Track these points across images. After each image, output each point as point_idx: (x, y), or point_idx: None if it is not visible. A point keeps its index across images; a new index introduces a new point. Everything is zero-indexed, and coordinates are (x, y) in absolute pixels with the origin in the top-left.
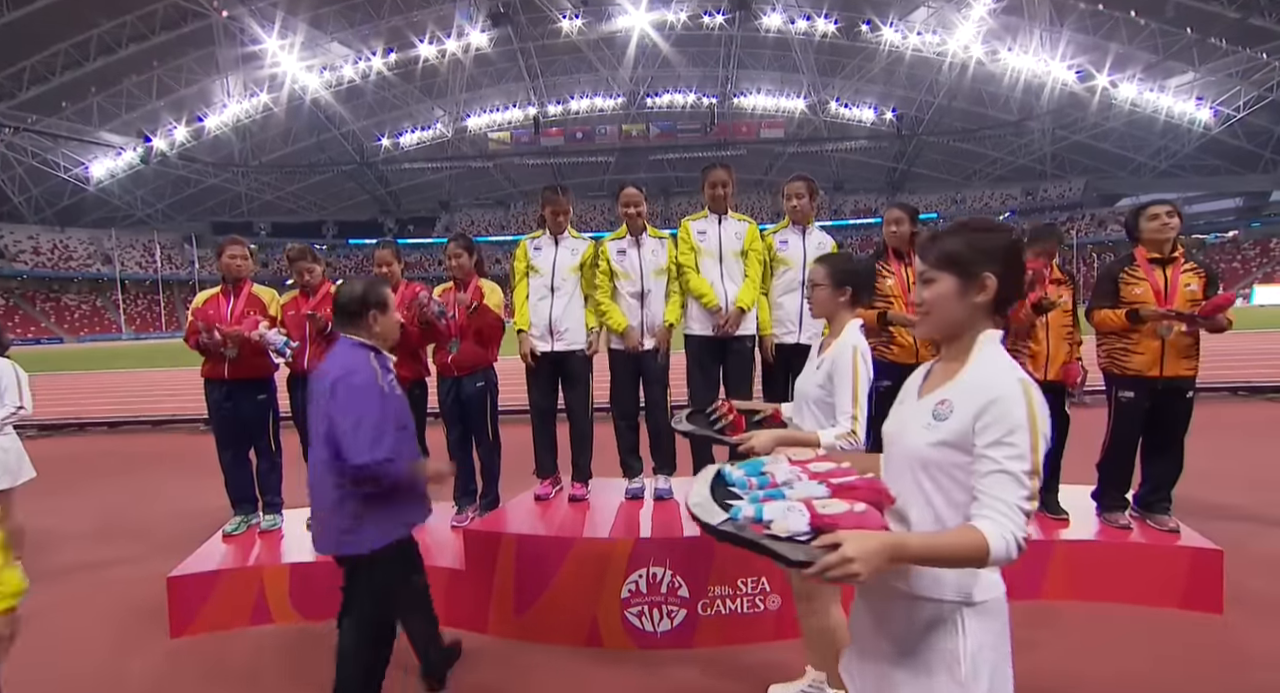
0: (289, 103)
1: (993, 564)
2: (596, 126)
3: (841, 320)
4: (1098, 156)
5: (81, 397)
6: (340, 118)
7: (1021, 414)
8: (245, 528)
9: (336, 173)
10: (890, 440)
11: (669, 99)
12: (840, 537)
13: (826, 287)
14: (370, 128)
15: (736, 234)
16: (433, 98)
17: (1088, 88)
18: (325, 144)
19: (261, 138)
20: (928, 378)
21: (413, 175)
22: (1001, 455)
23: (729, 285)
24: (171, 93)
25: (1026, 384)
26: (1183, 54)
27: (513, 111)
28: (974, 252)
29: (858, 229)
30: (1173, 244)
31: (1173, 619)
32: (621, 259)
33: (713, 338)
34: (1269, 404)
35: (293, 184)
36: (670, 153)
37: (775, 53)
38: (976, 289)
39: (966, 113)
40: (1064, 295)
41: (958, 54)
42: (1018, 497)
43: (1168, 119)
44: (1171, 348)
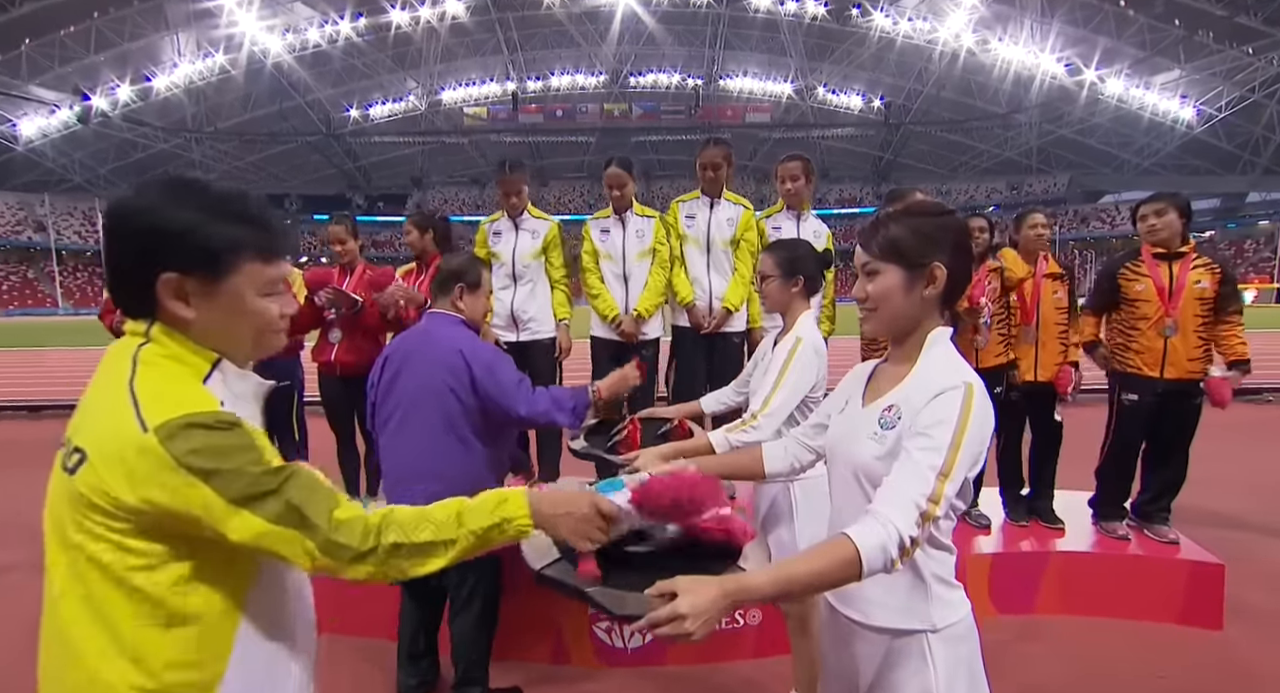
0: (248, 66)
1: (869, 575)
2: (577, 105)
3: (795, 313)
4: (1083, 152)
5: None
6: (305, 85)
7: (953, 410)
8: None
9: (300, 144)
10: (834, 450)
11: (653, 79)
12: (677, 585)
13: (776, 278)
14: (338, 97)
15: (729, 220)
16: (405, 68)
17: (1076, 82)
18: (288, 113)
19: (217, 102)
20: (872, 380)
21: (383, 149)
22: (914, 445)
23: (715, 279)
24: (113, 47)
25: (972, 386)
26: (1170, 50)
27: (490, 86)
28: (920, 239)
29: (842, 219)
30: (1183, 238)
31: (1171, 636)
32: (604, 239)
33: (701, 333)
34: (1255, 407)
35: (252, 154)
36: (653, 135)
37: (763, 34)
38: (925, 281)
39: (955, 103)
40: (1059, 291)
41: (948, 42)
42: (914, 492)
43: (1152, 116)
44: (1176, 348)
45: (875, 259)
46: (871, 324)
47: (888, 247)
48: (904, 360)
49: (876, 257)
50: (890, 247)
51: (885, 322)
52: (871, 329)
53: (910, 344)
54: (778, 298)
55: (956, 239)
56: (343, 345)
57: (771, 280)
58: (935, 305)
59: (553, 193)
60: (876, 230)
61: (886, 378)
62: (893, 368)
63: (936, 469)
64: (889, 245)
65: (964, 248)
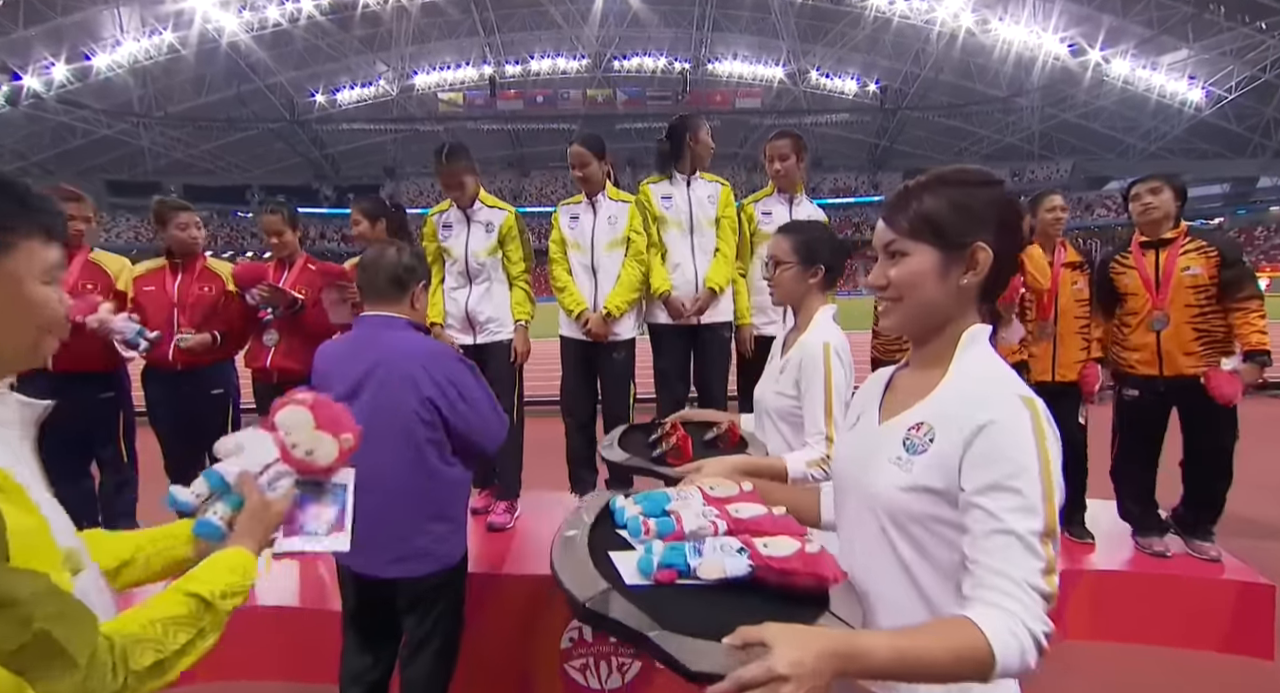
0: (200, 45)
1: (1002, 675)
2: (559, 90)
3: (811, 308)
4: (1086, 137)
5: None
6: (264, 67)
7: (1027, 447)
8: None
9: (262, 131)
10: (843, 476)
11: (638, 62)
12: (768, 633)
13: (792, 265)
14: (301, 81)
15: (710, 197)
16: (374, 50)
17: (1080, 63)
18: (247, 97)
19: (166, 84)
20: (891, 390)
21: (352, 137)
22: (1001, 507)
23: (701, 261)
24: (45, 21)
25: (1035, 403)
26: (1178, 28)
27: (466, 70)
28: (961, 214)
29: (837, 209)
30: (1175, 221)
31: (1215, 665)
32: (573, 226)
33: (682, 325)
34: (1271, 401)
35: (209, 141)
36: (639, 122)
37: (754, 15)
38: (964, 265)
39: (954, 87)
40: (1078, 281)
41: (947, 22)
42: (1029, 570)
43: (1159, 98)
44: (1169, 342)
45: (902, 237)
46: (894, 317)
47: (919, 222)
48: (932, 365)
49: (904, 234)
50: (922, 222)
51: (911, 315)
52: (893, 324)
53: (940, 344)
54: (791, 289)
55: (1004, 215)
56: (280, 349)
57: (786, 268)
58: (973, 296)
59: (534, 183)
60: (905, 201)
61: (910, 387)
62: (917, 374)
63: (1041, 534)
64: (921, 220)
65: (1013, 226)
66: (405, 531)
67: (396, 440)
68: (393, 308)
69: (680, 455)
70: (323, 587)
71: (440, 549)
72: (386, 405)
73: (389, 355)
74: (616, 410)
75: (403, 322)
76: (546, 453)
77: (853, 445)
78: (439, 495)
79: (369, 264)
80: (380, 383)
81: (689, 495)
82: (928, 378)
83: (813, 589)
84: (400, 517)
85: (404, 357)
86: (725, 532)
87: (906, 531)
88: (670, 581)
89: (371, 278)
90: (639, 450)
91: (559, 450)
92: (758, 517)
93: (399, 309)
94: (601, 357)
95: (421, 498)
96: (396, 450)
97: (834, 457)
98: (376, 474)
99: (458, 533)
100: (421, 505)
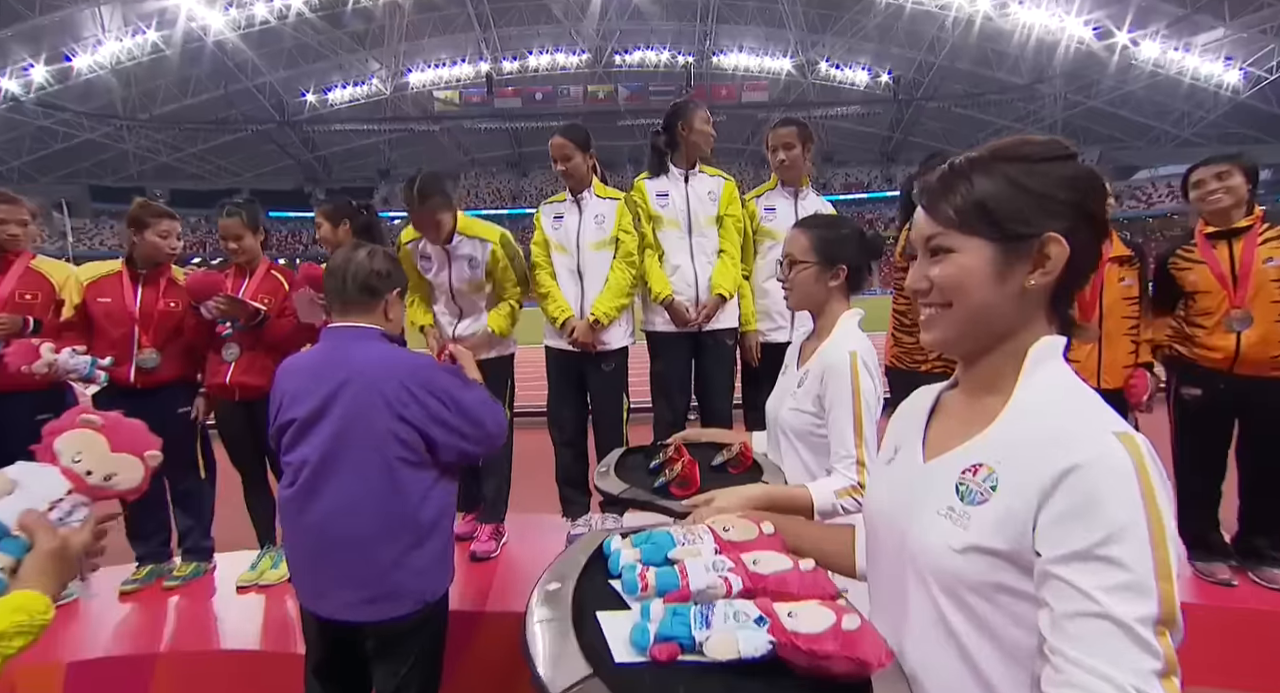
0: (185, 44)
1: None
2: (558, 87)
3: (832, 313)
4: (1114, 125)
5: None
6: (253, 67)
7: (1131, 501)
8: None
9: (251, 133)
10: (878, 525)
11: (640, 57)
12: None
13: (810, 264)
14: (291, 81)
15: (710, 193)
16: (366, 48)
17: (1106, 47)
18: (235, 97)
19: (151, 86)
20: (937, 418)
21: (345, 138)
22: (1095, 584)
23: (701, 265)
24: (22, 20)
25: (1132, 441)
26: (1213, 6)
27: (462, 67)
28: (1024, 197)
29: (848, 205)
30: (1249, 207)
31: None
32: (557, 226)
33: (681, 333)
34: None
35: (196, 144)
36: (641, 118)
37: (760, 5)
38: (1029, 263)
39: (971, 75)
40: (1127, 277)
41: (963, 7)
42: (1139, 672)
43: (1193, 82)
44: (1255, 345)
45: (949, 229)
46: (939, 329)
47: (971, 209)
48: (989, 388)
49: (951, 225)
50: (975, 209)
51: (962, 325)
52: (938, 337)
53: (999, 361)
54: (809, 292)
55: (1082, 196)
56: (241, 364)
57: (804, 268)
58: (1043, 301)
59: (533, 184)
60: (951, 184)
61: (961, 415)
62: (970, 400)
63: (1151, 620)
64: (973, 207)
65: (1093, 211)
66: (380, 567)
67: (369, 465)
68: (363, 318)
69: (687, 485)
70: (287, 628)
71: (418, 585)
72: (358, 427)
73: (360, 371)
74: (608, 427)
75: (375, 332)
76: (536, 468)
77: (890, 487)
78: (419, 523)
79: (335, 269)
80: (350, 402)
81: (698, 538)
82: (984, 405)
83: (851, 676)
84: (374, 552)
85: (377, 372)
86: (741, 592)
87: (962, 601)
88: (671, 658)
89: (339, 285)
90: (638, 478)
91: (549, 463)
92: (782, 573)
93: (370, 319)
94: (590, 369)
95: (399, 528)
96: (370, 477)
97: (867, 498)
98: (348, 505)
99: (440, 564)
100: (399, 536)
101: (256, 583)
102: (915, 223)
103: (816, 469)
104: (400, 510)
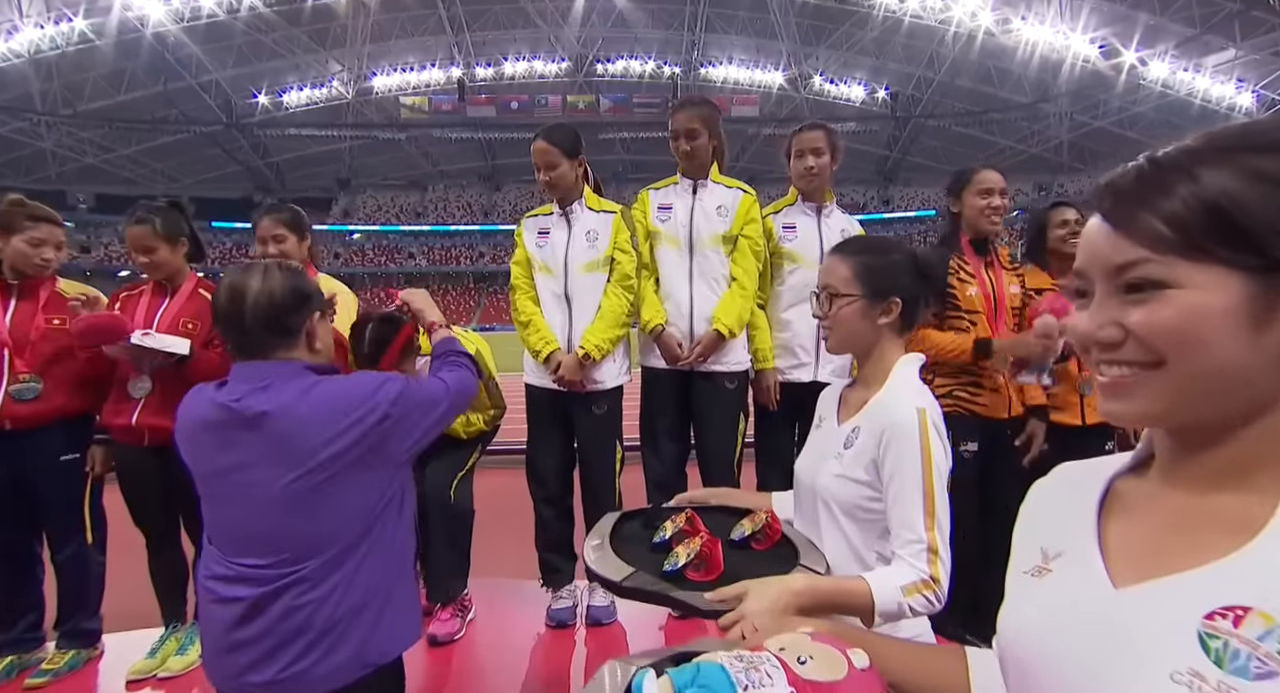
0: (120, 36)
1: None
2: (536, 96)
3: (885, 358)
4: (1121, 146)
5: None
6: (198, 63)
7: None
8: None
9: (194, 135)
10: (1041, 682)
11: (623, 66)
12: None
13: (855, 298)
14: (242, 80)
15: (720, 209)
16: (327, 48)
17: (1113, 65)
18: (176, 96)
19: (76, 79)
20: (1114, 513)
21: (301, 144)
22: None
23: (700, 292)
24: None
25: None
26: (1223, 26)
27: (432, 72)
28: (1266, 205)
29: None
30: None
31: None
32: (542, 244)
33: (672, 370)
34: None
35: (129, 145)
36: (624, 131)
37: (751, 14)
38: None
39: (972, 93)
40: None
41: (964, 22)
42: None
43: (1204, 103)
44: None
45: (1164, 252)
46: (1143, 399)
47: (1205, 220)
48: (1230, 483)
49: (1167, 246)
50: (1211, 220)
51: (1189, 395)
52: (1141, 409)
53: (1255, 445)
54: (854, 331)
55: None
56: (153, 402)
57: (847, 303)
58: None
59: (507, 198)
60: (1163, 185)
61: (1171, 518)
62: (1190, 497)
63: None
64: (1209, 217)
65: None
66: (344, 626)
67: (288, 534)
68: (280, 357)
69: (707, 569)
70: None
71: (380, 640)
72: (266, 492)
73: (279, 410)
74: (598, 480)
75: (298, 366)
76: (514, 514)
77: (1052, 618)
78: (363, 579)
79: (225, 313)
80: (271, 446)
81: (765, 676)
82: (1221, 508)
83: None
84: (312, 616)
85: (303, 410)
86: None
87: None
88: None
89: (236, 331)
90: (639, 554)
91: (527, 510)
92: None
93: (289, 356)
94: (578, 411)
95: (332, 599)
96: (302, 522)
97: (1008, 627)
98: (273, 567)
99: (401, 617)
100: (332, 610)
101: (154, 675)
102: (1088, 242)
103: (865, 551)
104: (341, 561)
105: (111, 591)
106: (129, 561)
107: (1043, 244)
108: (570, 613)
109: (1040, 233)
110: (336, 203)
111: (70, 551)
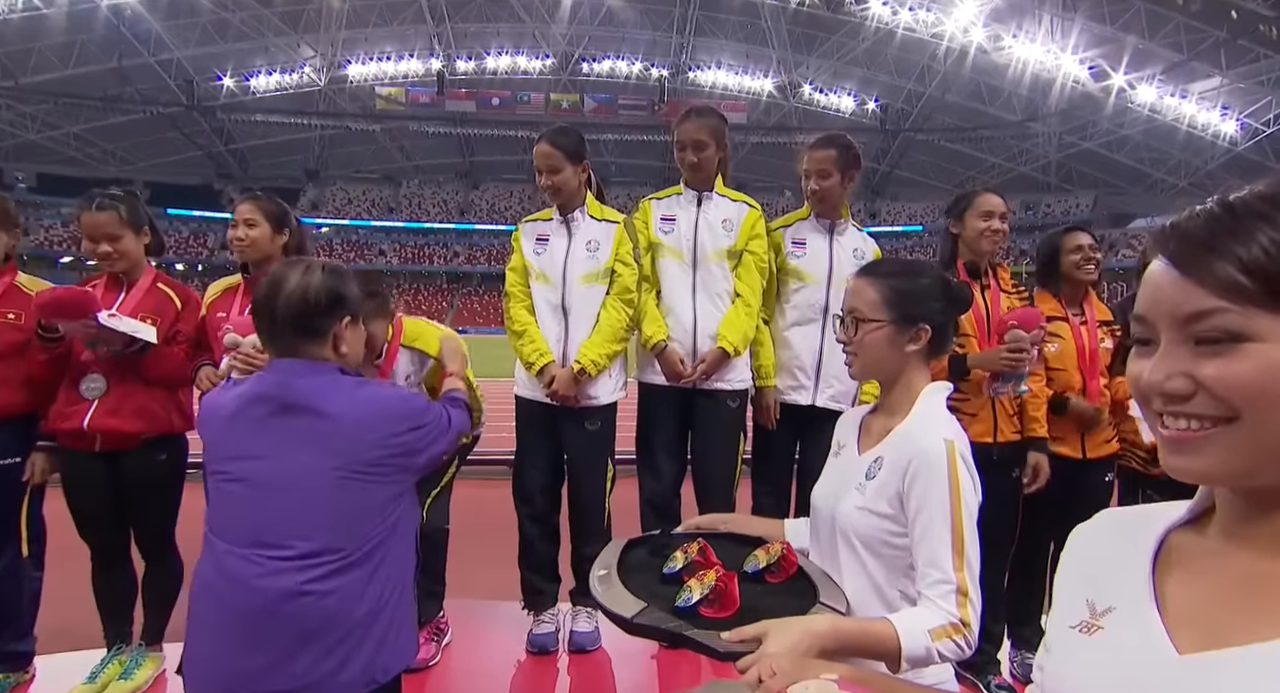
0: (70, 6)
1: None
2: (518, 92)
3: (911, 386)
4: (1109, 169)
5: None
6: (157, 39)
7: None
8: None
9: (151, 115)
10: None
11: (610, 66)
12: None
13: (882, 323)
14: (205, 60)
15: (725, 222)
16: (299, 32)
17: (1102, 87)
18: (132, 73)
19: (20, 49)
20: (1171, 568)
21: (267, 131)
22: None
23: (704, 307)
24: None
25: None
26: (1209, 54)
27: (409, 63)
28: None
29: None
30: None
31: None
32: (540, 251)
33: (672, 386)
34: None
35: (76, 123)
36: (609, 132)
37: (742, 19)
38: None
39: (962, 109)
40: (1107, 341)
41: (956, 37)
42: None
43: (1189, 130)
44: None
45: (1241, 302)
46: (1213, 456)
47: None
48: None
49: (1244, 296)
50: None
51: (1265, 455)
52: (1211, 467)
53: None
54: (880, 358)
55: None
56: (107, 403)
57: (874, 328)
58: None
59: (485, 197)
60: (1239, 230)
61: (1241, 580)
62: (1261, 558)
63: None
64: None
65: None
66: (353, 638)
67: (320, 524)
68: (306, 354)
69: (722, 605)
70: None
71: (388, 655)
72: (304, 480)
73: (328, 403)
74: (587, 498)
75: (329, 368)
76: (495, 529)
77: (1104, 682)
78: (375, 588)
79: (262, 304)
80: (318, 435)
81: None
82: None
83: None
84: (333, 614)
85: (356, 408)
86: None
87: None
88: None
89: (267, 322)
90: (648, 585)
91: (510, 524)
92: None
93: (316, 355)
94: (569, 427)
95: (352, 600)
96: (337, 513)
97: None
98: (296, 558)
99: (404, 632)
100: (350, 611)
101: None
102: (1155, 291)
103: (888, 589)
104: (350, 576)
105: (48, 608)
106: (69, 575)
107: (1054, 269)
108: (552, 639)
109: (1052, 257)
110: (304, 194)
111: (1, 563)
